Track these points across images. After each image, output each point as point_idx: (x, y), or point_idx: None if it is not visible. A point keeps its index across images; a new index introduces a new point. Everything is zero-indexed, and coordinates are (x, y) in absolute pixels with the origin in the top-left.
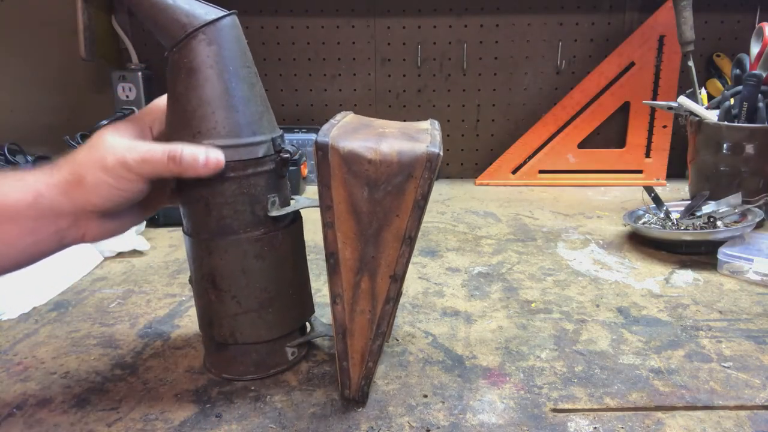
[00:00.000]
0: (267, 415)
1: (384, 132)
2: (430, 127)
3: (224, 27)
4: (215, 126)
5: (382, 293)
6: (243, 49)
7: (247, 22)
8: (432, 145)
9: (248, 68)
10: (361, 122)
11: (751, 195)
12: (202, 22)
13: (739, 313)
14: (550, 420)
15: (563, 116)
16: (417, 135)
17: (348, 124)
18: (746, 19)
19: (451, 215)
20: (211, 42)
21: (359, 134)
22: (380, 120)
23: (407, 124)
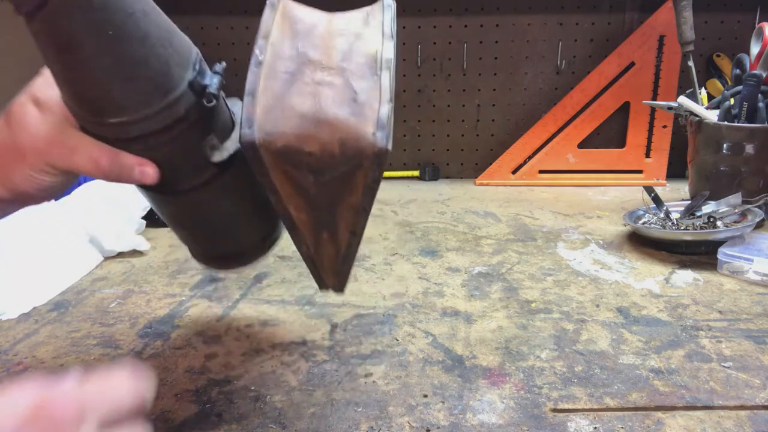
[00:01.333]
0: (267, 415)
1: (322, 84)
2: (378, 50)
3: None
4: (117, 103)
5: (344, 241)
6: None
7: (247, 22)
8: (379, 134)
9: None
10: (294, 46)
11: (751, 195)
12: None
13: (739, 313)
14: (550, 420)
15: (563, 116)
16: (362, 89)
17: (277, 61)
18: (746, 19)
19: (451, 215)
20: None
21: (293, 98)
22: (319, 27)
23: (352, 46)
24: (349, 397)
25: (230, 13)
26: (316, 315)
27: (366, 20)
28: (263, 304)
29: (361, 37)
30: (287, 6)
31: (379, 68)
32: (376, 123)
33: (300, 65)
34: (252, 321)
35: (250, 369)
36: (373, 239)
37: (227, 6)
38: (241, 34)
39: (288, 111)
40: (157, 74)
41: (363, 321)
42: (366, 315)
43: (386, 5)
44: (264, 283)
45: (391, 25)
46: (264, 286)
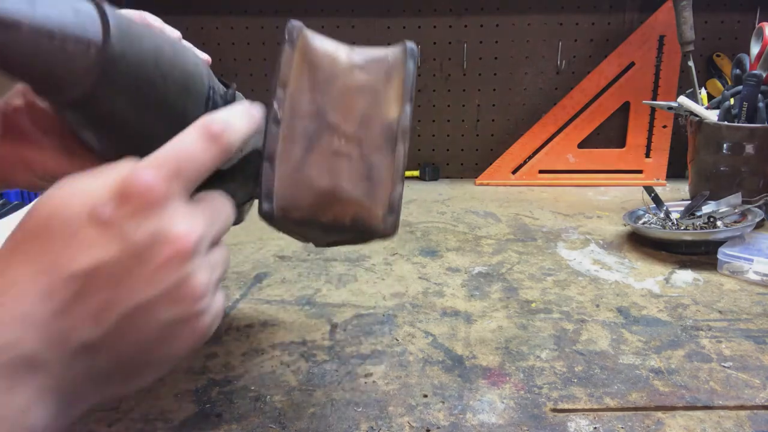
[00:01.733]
0: (267, 415)
1: (339, 155)
2: (396, 118)
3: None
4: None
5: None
6: (153, 49)
7: (247, 22)
8: (390, 218)
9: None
10: (314, 101)
11: (751, 195)
12: (96, 44)
13: (739, 313)
14: (550, 420)
15: (563, 116)
16: (377, 164)
17: (296, 119)
18: (746, 19)
19: (451, 215)
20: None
21: (311, 169)
22: (340, 79)
23: (371, 110)
24: (349, 397)
25: (230, 13)
26: (316, 315)
27: (388, 73)
28: (263, 304)
29: (381, 97)
30: (307, 43)
31: (395, 139)
32: (388, 206)
33: (319, 127)
34: (252, 321)
35: (250, 369)
36: None
37: (227, 6)
38: (241, 34)
39: (305, 184)
40: (175, 127)
41: (363, 321)
42: (366, 315)
43: (409, 53)
44: (264, 283)
45: (412, 82)
46: (264, 286)
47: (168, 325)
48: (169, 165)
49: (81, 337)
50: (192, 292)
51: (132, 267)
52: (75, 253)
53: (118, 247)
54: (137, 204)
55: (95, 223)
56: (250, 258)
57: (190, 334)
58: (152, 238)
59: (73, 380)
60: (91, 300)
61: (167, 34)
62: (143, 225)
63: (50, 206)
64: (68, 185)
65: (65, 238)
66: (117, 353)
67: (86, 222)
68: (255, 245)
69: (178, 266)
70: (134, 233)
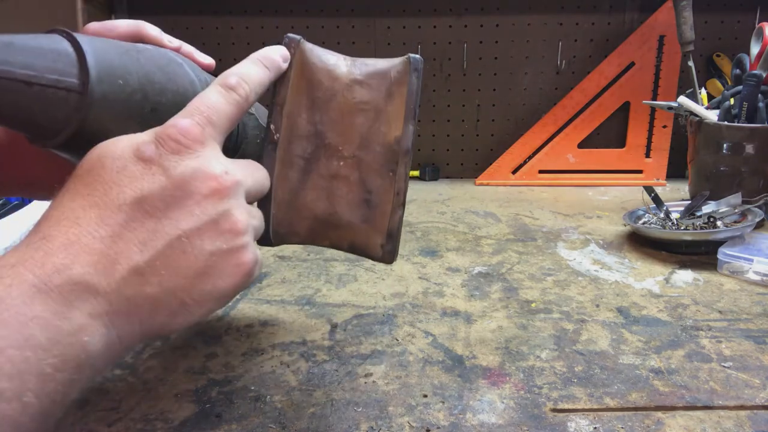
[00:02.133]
0: (267, 415)
1: (337, 179)
2: (397, 137)
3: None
4: None
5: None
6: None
7: (247, 22)
8: (388, 247)
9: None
10: (311, 121)
11: (751, 195)
12: (76, 90)
13: (739, 313)
14: (550, 420)
15: (563, 116)
16: (376, 188)
17: (293, 141)
18: (746, 19)
19: (451, 215)
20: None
21: (307, 194)
22: (338, 96)
23: (371, 129)
24: (349, 397)
25: (230, 13)
26: (316, 315)
27: (389, 90)
28: (263, 304)
29: (382, 115)
30: (305, 58)
31: (395, 162)
32: (386, 235)
33: (316, 148)
34: (252, 321)
35: (250, 369)
36: None
37: (227, 6)
38: (241, 34)
39: (302, 210)
40: None
41: (363, 321)
42: (366, 315)
43: (413, 67)
44: (264, 283)
45: (415, 99)
46: (264, 286)
47: (212, 255)
48: (200, 114)
49: (130, 262)
50: (232, 226)
51: (176, 198)
52: (123, 186)
53: (162, 180)
54: (177, 144)
55: (140, 159)
56: None
57: (233, 269)
58: (193, 173)
59: (124, 305)
60: (139, 228)
61: (163, 53)
62: (184, 162)
63: (99, 150)
64: (114, 138)
65: (113, 174)
66: (164, 279)
67: (132, 159)
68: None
69: (218, 200)
70: (176, 168)
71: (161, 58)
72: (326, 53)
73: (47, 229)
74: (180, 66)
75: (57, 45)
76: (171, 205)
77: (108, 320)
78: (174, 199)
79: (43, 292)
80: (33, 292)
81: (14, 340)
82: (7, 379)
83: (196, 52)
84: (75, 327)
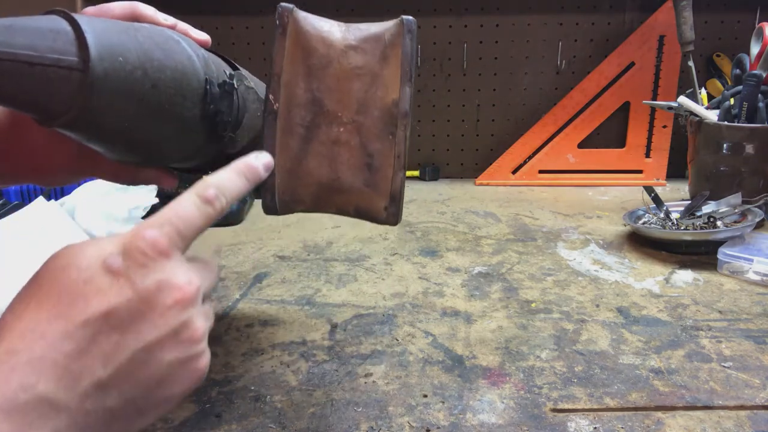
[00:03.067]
0: (267, 415)
1: (338, 144)
2: (395, 99)
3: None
4: (142, 161)
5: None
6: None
7: (247, 22)
8: (392, 209)
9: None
10: (309, 88)
11: (751, 195)
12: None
13: (739, 313)
14: (550, 420)
15: (563, 116)
16: (376, 151)
17: (293, 109)
18: (746, 19)
19: (451, 215)
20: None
21: (310, 160)
22: (335, 62)
23: (368, 94)
24: (349, 397)
25: (230, 13)
26: (316, 315)
27: (384, 53)
28: (263, 304)
29: (379, 79)
30: (298, 26)
31: (394, 125)
32: (390, 196)
33: (315, 116)
34: (252, 321)
35: (250, 369)
36: (373, 239)
37: (227, 6)
38: (241, 34)
39: (306, 177)
40: (173, 131)
41: (363, 321)
42: (366, 315)
43: (407, 28)
44: (264, 283)
45: (410, 61)
46: (264, 286)
47: (171, 365)
48: (170, 225)
49: (93, 377)
50: (192, 335)
51: (141, 311)
52: (89, 299)
53: (129, 293)
54: (144, 256)
55: (107, 272)
56: (250, 258)
57: (189, 375)
58: (158, 286)
59: (85, 419)
60: (104, 341)
61: (159, 31)
62: (150, 274)
63: (64, 258)
64: (78, 244)
65: (80, 285)
66: (125, 392)
67: (99, 271)
68: (255, 245)
69: (181, 311)
70: (142, 281)
71: (158, 35)
72: (319, 20)
73: (11, 341)
74: (177, 43)
75: (56, 25)
76: (136, 318)
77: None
78: (139, 312)
79: (6, 411)
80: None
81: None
82: None
83: (191, 29)
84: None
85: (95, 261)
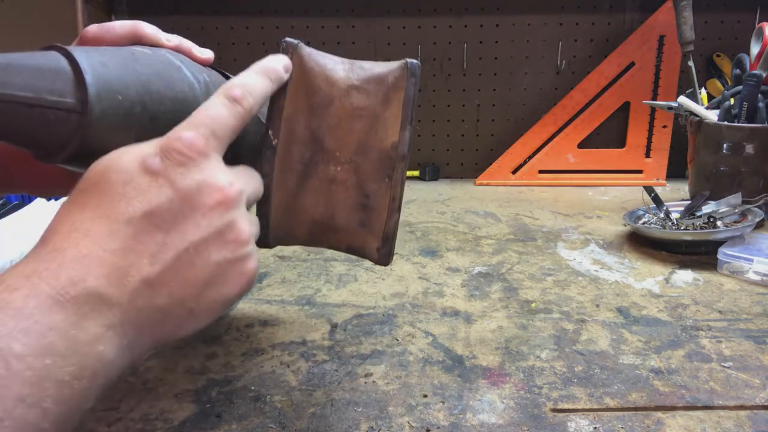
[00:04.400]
0: (267, 415)
1: (335, 183)
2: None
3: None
4: None
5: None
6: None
7: (247, 22)
8: (384, 250)
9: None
10: (309, 126)
11: (751, 195)
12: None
13: (739, 313)
14: (550, 420)
15: (563, 116)
16: (373, 192)
17: (292, 145)
18: (746, 19)
19: (451, 215)
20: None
21: (306, 197)
22: (336, 102)
23: (368, 135)
24: (349, 397)
25: (230, 13)
26: (316, 315)
27: (387, 96)
28: (263, 304)
29: (379, 121)
30: (303, 63)
31: (392, 168)
32: (383, 238)
33: (314, 153)
34: (252, 321)
35: (250, 369)
36: None
37: (227, 6)
38: (241, 34)
39: (301, 213)
40: None
41: (363, 321)
42: (366, 315)
43: (411, 72)
44: (264, 283)
45: (412, 105)
46: (264, 286)
47: (218, 266)
48: (204, 125)
49: (141, 274)
50: (237, 236)
51: (183, 211)
52: (130, 199)
53: (169, 192)
54: (182, 156)
55: (147, 172)
56: None
57: (238, 276)
58: (199, 186)
59: (135, 315)
60: (148, 241)
61: (160, 57)
62: (190, 174)
63: (104, 162)
64: (117, 150)
65: (120, 186)
66: (174, 290)
67: (138, 172)
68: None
69: (223, 211)
70: (182, 181)
71: (158, 63)
72: (324, 57)
73: (58, 242)
74: (178, 69)
75: (55, 64)
76: (178, 218)
77: (121, 330)
78: (181, 212)
79: (59, 303)
80: (50, 303)
81: (34, 348)
82: (28, 386)
83: (195, 47)
84: (91, 337)
85: (134, 163)
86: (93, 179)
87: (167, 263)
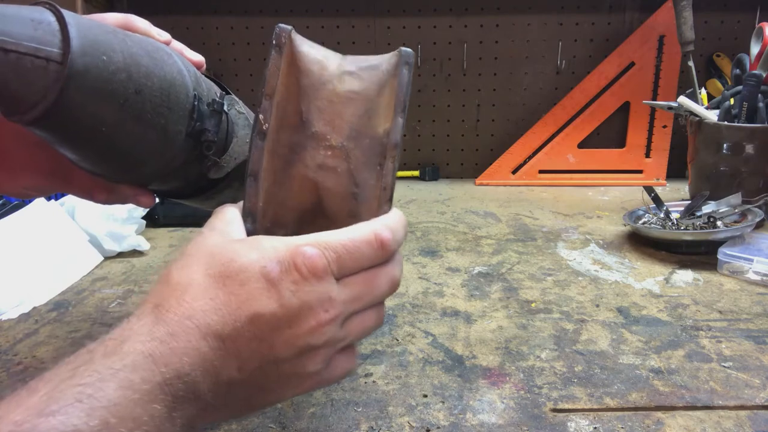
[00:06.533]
0: (267, 415)
1: (324, 169)
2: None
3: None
4: (119, 173)
5: None
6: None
7: (247, 22)
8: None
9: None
10: (299, 110)
11: (751, 195)
12: (55, 60)
13: (739, 313)
14: (550, 420)
15: (563, 116)
16: (364, 182)
17: (281, 130)
18: (746, 19)
19: (451, 215)
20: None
21: (294, 184)
22: (328, 85)
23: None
24: (349, 397)
25: (230, 13)
26: None
27: (381, 81)
28: None
29: (373, 107)
30: (295, 48)
31: (383, 155)
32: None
33: (304, 138)
34: None
35: None
36: None
37: (227, 6)
38: (241, 34)
39: (289, 202)
40: (154, 143)
41: None
42: None
43: (404, 59)
44: None
45: (406, 92)
46: None
47: (286, 378)
48: (335, 251)
49: (229, 375)
50: (312, 363)
51: (280, 327)
52: (242, 300)
53: (275, 306)
54: (299, 275)
55: (264, 277)
56: None
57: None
58: (301, 307)
59: (212, 409)
60: (243, 347)
61: (151, 41)
62: (299, 293)
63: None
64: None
65: (238, 284)
66: (248, 391)
67: (257, 275)
68: None
69: (316, 335)
70: (290, 299)
71: (149, 44)
72: (317, 46)
73: (173, 323)
74: (169, 55)
75: (39, 14)
76: (275, 332)
77: (198, 419)
78: (279, 328)
79: (164, 393)
80: (157, 392)
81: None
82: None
83: (186, 49)
84: (176, 429)
85: (256, 266)
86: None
87: (251, 372)
